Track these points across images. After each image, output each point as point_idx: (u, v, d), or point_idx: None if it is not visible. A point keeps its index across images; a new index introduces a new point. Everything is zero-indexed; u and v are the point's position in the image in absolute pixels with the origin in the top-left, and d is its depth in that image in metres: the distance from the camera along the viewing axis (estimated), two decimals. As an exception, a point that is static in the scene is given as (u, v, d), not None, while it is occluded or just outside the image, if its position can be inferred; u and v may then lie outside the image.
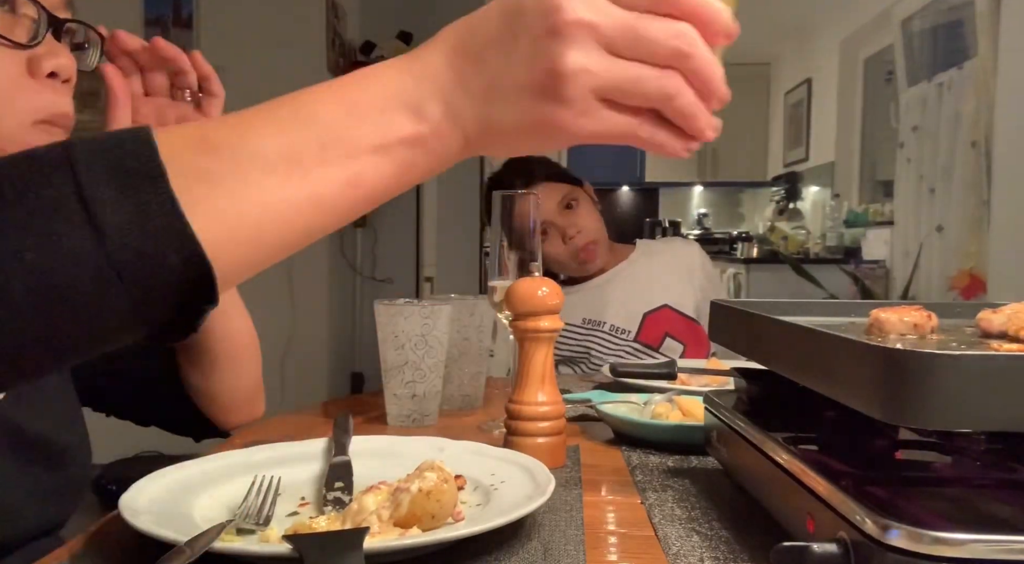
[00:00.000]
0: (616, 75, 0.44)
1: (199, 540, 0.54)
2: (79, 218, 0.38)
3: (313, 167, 0.43)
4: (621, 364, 1.38)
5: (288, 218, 0.44)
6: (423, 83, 0.46)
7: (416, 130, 0.45)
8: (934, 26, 4.05)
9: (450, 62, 0.46)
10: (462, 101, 0.46)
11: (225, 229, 0.42)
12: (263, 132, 0.43)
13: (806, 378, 0.56)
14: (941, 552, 0.42)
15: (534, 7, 0.44)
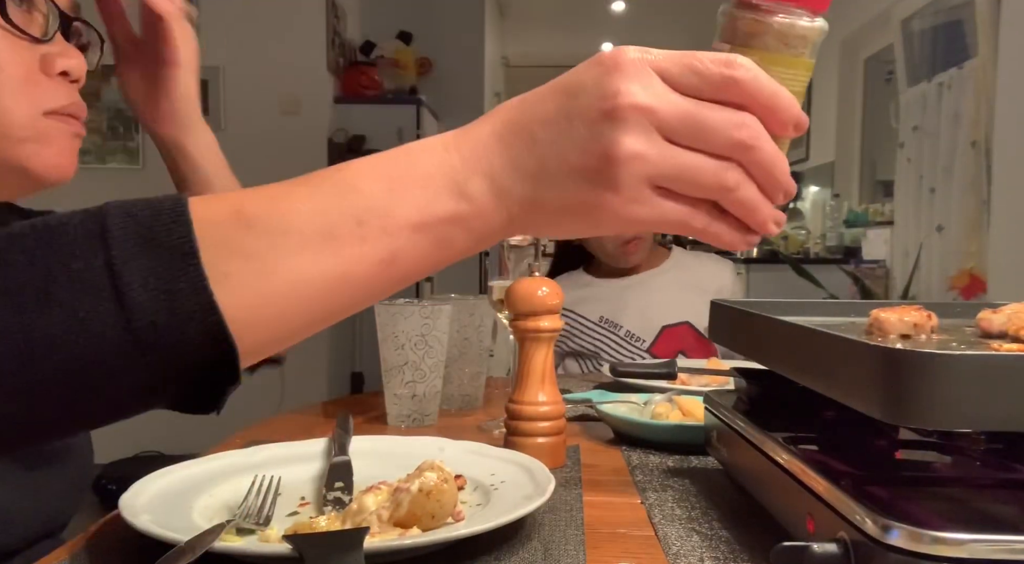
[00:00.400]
0: (672, 164, 0.42)
1: (199, 540, 0.54)
2: (108, 294, 0.38)
3: (348, 244, 0.42)
4: (621, 364, 1.38)
5: (318, 296, 0.43)
6: (470, 160, 0.44)
7: (458, 209, 0.43)
8: (934, 26, 4.05)
9: (500, 138, 0.44)
10: (510, 180, 0.44)
11: (253, 307, 0.41)
12: (300, 206, 0.42)
13: (806, 378, 0.56)
14: (941, 552, 0.42)
15: (592, 88, 0.43)
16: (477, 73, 4.93)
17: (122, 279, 0.38)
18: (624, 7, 6.01)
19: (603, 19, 6.26)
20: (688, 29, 6.56)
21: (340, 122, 4.17)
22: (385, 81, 4.36)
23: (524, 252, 1.01)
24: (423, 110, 4.29)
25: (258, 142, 3.91)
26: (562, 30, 6.53)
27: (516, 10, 6.06)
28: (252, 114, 3.92)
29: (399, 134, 4.19)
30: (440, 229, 0.44)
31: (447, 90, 4.76)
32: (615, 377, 1.24)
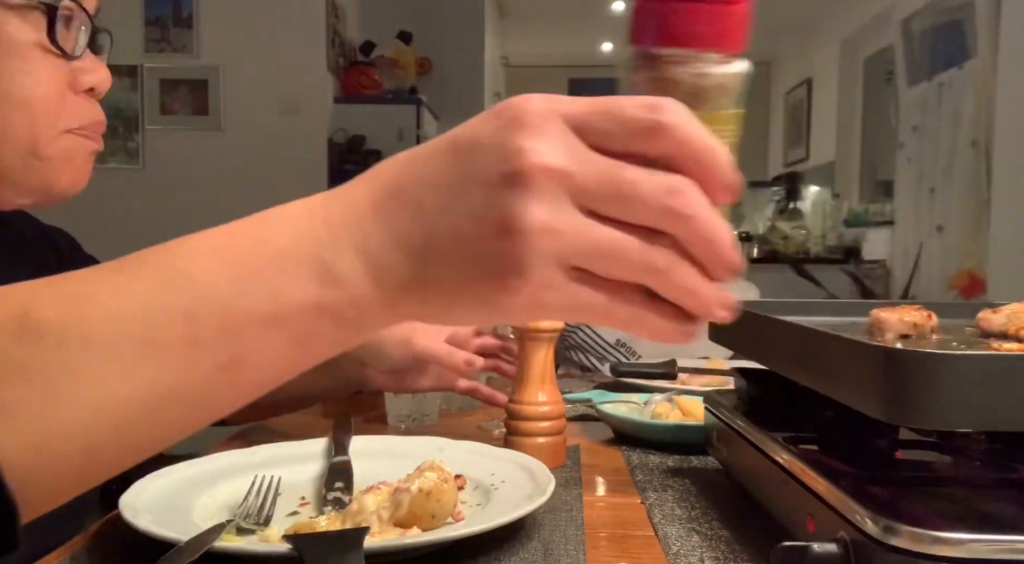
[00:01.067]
0: (589, 240, 0.33)
1: (199, 540, 0.54)
2: None
3: (175, 350, 0.33)
4: (621, 364, 1.37)
5: (136, 421, 0.34)
6: (340, 231, 0.35)
7: (323, 295, 0.34)
8: (934, 26, 4.05)
9: (379, 205, 0.35)
10: (390, 257, 0.35)
11: (42, 446, 0.33)
12: (109, 304, 0.33)
13: (806, 378, 0.56)
14: (941, 552, 0.42)
15: (490, 146, 0.35)
16: (477, 73, 4.93)
17: None
18: (624, 7, 6.00)
19: (603, 19, 6.26)
20: (688, 29, 6.57)
21: (340, 122, 4.16)
22: (385, 81, 4.36)
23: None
24: (423, 110, 4.29)
25: (258, 142, 3.91)
26: (562, 30, 6.52)
27: (516, 10, 6.06)
28: (252, 114, 3.92)
29: (399, 134, 4.19)
30: (300, 322, 0.35)
31: (447, 90, 4.76)
32: (615, 377, 1.24)
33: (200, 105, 3.87)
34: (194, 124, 3.89)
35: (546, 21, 6.34)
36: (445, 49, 4.78)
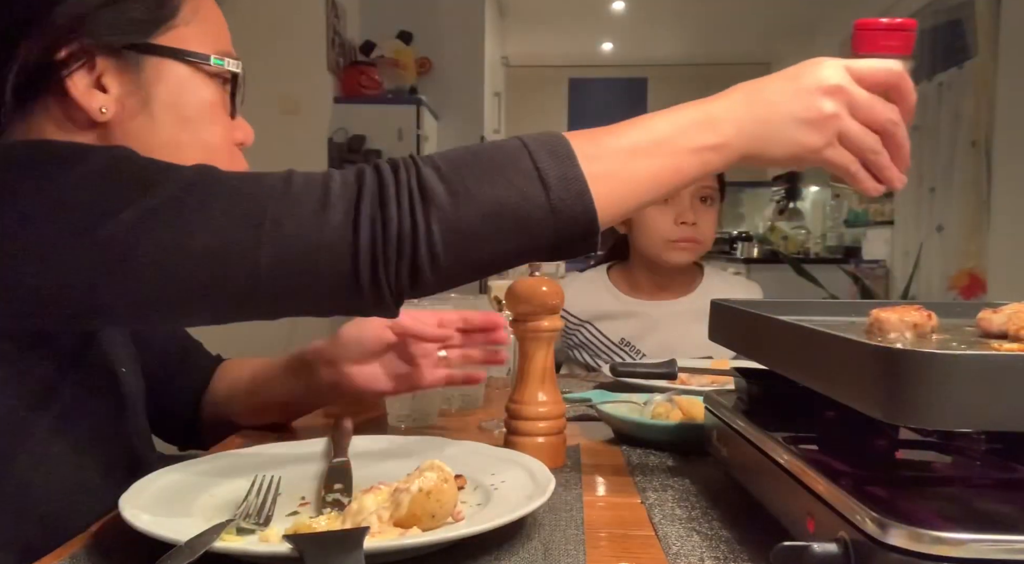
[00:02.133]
0: (854, 128, 0.68)
1: (199, 540, 0.54)
2: (535, 177, 0.62)
3: (653, 156, 0.67)
4: (621, 364, 1.37)
5: (642, 188, 0.67)
6: (723, 112, 0.68)
7: (716, 141, 0.67)
8: (934, 26, 4.05)
9: (745, 98, 0.69)
10: (750, 124, 0.68)
11: (608, 191, 0.64)
12: (623, 135, 0.67)
13: (806, 378, 0.56)
14: (941, 552, 0.42)
15: (811, 73, 0.69)
16: (477, 73, 4.93)
17: (543, 172, 0.63)
18: (624, 7, 6.00)
19: (603, 19, 6.26)
20: (687, 29, 6.57)
21: (340, 122, 4.17)
22: (385, 81, 4.36)
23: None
24: (423, 110, 4.29)
25: (258, 142, 3.86)
26: (562, 30, 6.52)
27: (516, 10, 6.06)
28: (252, 114, 3.90)
29: (399, 134, 4.19)
30: (704, 153, 0.67)
31: (447, 90, 4.76)
32: (615, 377, 1.24)
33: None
34: (194, 124, 3.89)
35: (546, 21, 6.34)
36: (445, 49, 4.78)
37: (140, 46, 0.74)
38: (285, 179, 0.64)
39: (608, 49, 7.11)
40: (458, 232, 0.61)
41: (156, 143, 0.75)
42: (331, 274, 0.61)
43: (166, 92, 0.76)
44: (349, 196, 0.61)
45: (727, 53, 7.10)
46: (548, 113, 7.46)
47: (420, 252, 0.60)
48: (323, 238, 0.60)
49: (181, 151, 0.75)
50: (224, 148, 0.81)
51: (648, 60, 7.28)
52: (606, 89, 7.35)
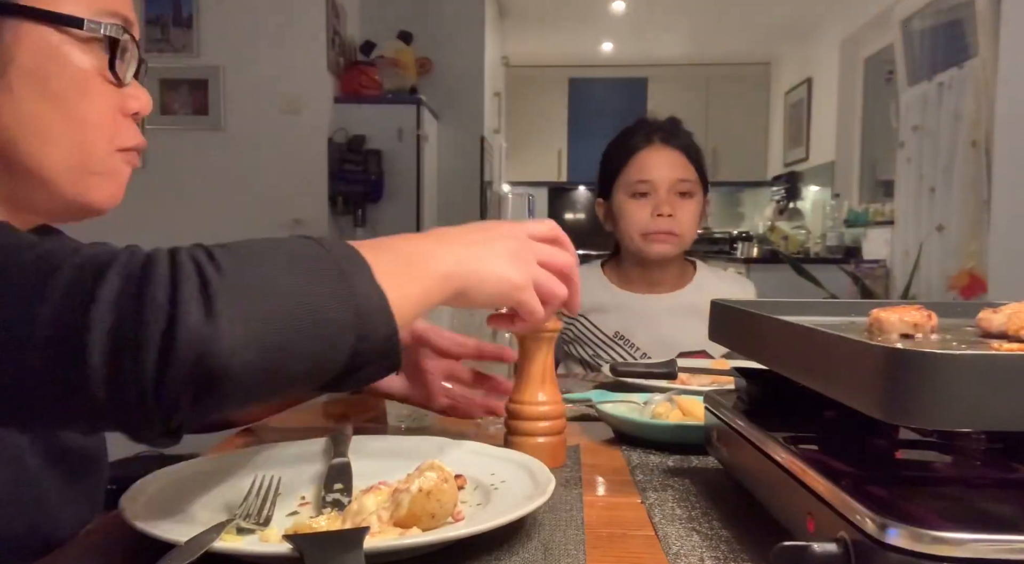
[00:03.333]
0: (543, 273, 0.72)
1: (199, 540, 0.54)
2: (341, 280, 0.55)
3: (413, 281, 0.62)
4: (621, 364, 1.37)
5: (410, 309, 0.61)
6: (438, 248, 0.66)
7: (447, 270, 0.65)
8: (934, 26, 4.05)
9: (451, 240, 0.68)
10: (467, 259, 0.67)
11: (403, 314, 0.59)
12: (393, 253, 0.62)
13: (806, 378, 0.56)
14: (941, 552, 0.42)
15: (498, 228, 0.72)
16: (477, 73, 4.93)
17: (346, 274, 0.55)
18: (624, 7, 6.00)
19: (603, 19, 6.26)
20: (687, 29, 6.57)
21: (340, 122, 4.17)
22: (385, 81, 4.36)
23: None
24: (423, 110, 4.29)
25: (258, 142, 3.91)
26: (562, 30, 6.52)
27: (516, 10, 6.06)
28: (252, 114, 3.92)
29: (399, 134, 4.19)
30: (441, 281, 0.65)
31: (447, 90, 4.76)
32: (615, 377, 1.24)
33: (200, 105, 3.87)
34: (194, 124, 3.89)
35: (546, 21, 6.33)
36: (445, 49, 4.78)
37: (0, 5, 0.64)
38: (22, 247, 0.51)
39: (608, 49, 7.11)
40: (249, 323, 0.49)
41: (13, 120, 0.66)
42: (48, 386, 0.48)
43: (28, 60, 0.65)
44: (86, 278, 0.48)
45: (727, 53, 7.10)
46: (548, 113, 7.46)
47: (187, 367, 0.47)
48: (34, 335, 0.47)
49: (47, 129, 0.67)
50: (105, 123, 0.71)
51: (648, 60, 7.28)
52: (606, 89, 7.35)
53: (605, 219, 1.75)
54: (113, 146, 0.72)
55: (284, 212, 3.84)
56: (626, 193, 1.67)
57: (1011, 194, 3.12)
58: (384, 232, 2.92)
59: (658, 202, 1.64)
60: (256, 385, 0.51)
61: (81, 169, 0.70)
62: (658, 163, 1.66)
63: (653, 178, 1.65)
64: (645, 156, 1.66)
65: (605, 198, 1.74)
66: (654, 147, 1.67)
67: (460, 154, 4.87)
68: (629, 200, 1.67)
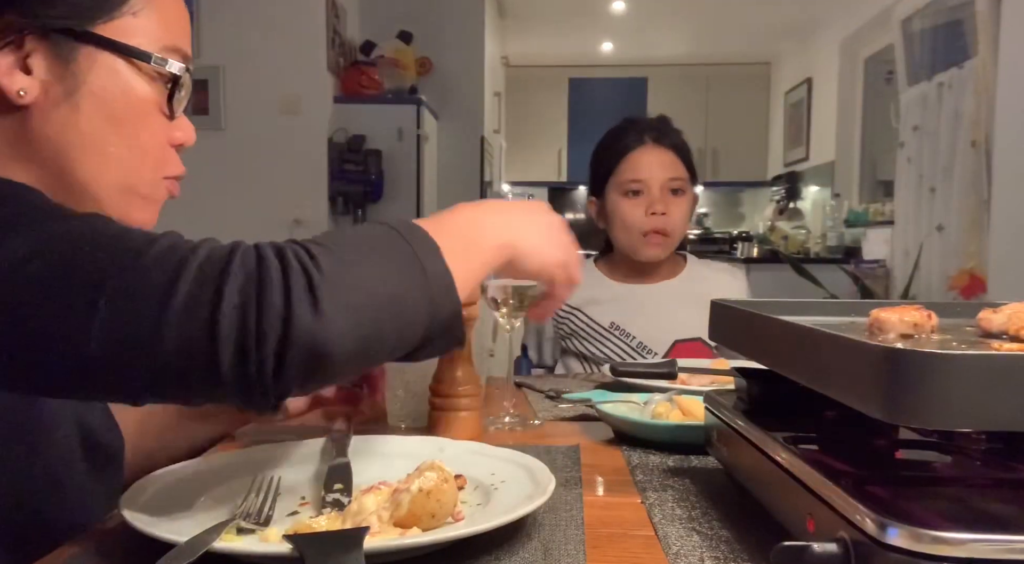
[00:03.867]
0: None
1: (199, 540, 0.54)
2: (418, 267, 0.62)
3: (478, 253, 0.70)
4: (621, 364, 1.37)
5: (470, 281, 0.68)
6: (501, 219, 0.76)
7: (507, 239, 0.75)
8: (934, 26, 4.05)
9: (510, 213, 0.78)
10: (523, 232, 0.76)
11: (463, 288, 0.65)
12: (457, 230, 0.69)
13: (806, 378, 0.56)
14: (941, 552, 0.42)
15: (545, 211, 0.82)
16: (477, 73, 4.93)
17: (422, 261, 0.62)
18: (624, 7, 6.00)
19: (603, 19, 6.25)
20: (687, 29, 6.56)
21: (340, 122, 4.17)
22: (385, 81, 4.36)
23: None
24: (423, 110, 4.29)
25: (258, 142, 3.91)
26: (562, 30, 6.51)
27: (516, 10, 6.05)
28: (252, 114, 3.92)
29: (399, 134, 4.19)
30: (501, 251, 0.74)
31: (447, 90, 4.76)
32: (615, 377, 1.24)
33: (200, 105, 3.87)
34: (194, 124, 3.87)
35: (546, 21, 6.33)
36: (445, 49, 4.78)
37: (76, 33, 0.69)
38: (149, 242, 0.57)
39: (608, 49, 7.11)
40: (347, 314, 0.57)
41: (76, 137, 0.71)
42: (180, 364, 0.54)
43: (97, 85, 0.70)
44: (212, 276, 0.55)
45: (727, 53, 7.10)
46: (548, 113, 7.46)
47: (300, 353, 0.55)
48: (169, 322, 0.54)
49: (104, 149, 0.72)
50: (156, 151, 0.76)
51: (648, 60, 7.27)
52: (606, 89, 7.35)
53: (598, 217, 1.78)
54: (160, 173, 0.77)
55: (284, 212, 3.84)
56: (619, 192, 1.70)
57: (1011, 194, 3.12)
58: (384, 232, 2.81)
59: (652, 201, 1.67)
60: (351, 366, 0.60)
61: (129, 190, 0.75)
62: (650, 162, 1.68)
63: (646, 177, 1.68)
64: (638, 156, 1.69)
65: (597, 197, 1.76)
66: (646, 147, 1.69)
67: (460, 154, 4.87)
68: (623, 199, 1.69)
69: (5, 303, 0.55)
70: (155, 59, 0.73)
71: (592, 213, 1.79)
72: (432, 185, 4.63)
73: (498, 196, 1.27)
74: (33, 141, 0.70)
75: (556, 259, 0.78)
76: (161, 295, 0.54)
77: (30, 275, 0.55)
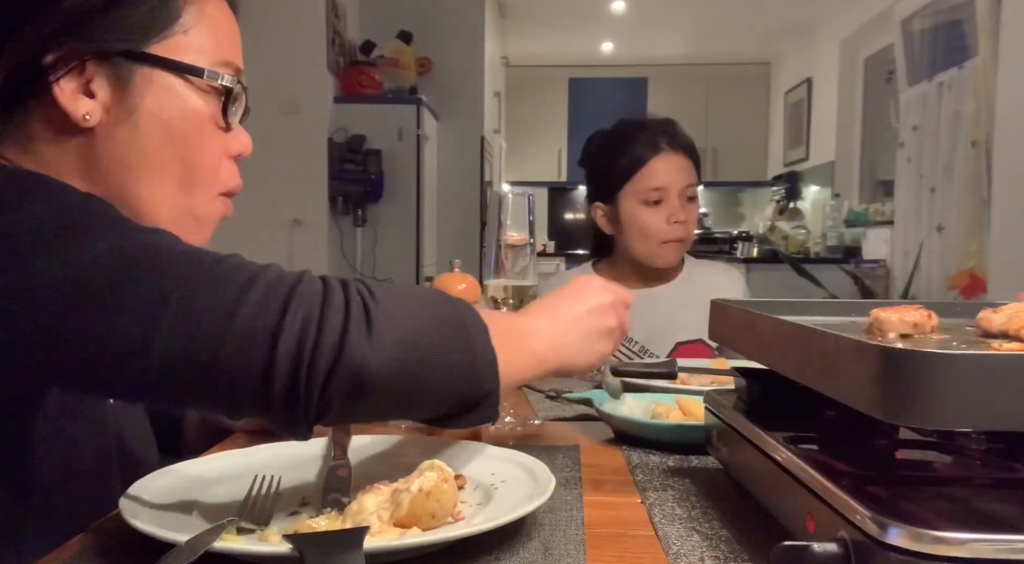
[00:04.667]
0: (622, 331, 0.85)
1: (199, 540, 0.54)
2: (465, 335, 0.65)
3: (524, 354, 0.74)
4: (621, 364, 1.37)
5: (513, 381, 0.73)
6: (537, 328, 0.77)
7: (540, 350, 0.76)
8: (934, 26, 4.05)
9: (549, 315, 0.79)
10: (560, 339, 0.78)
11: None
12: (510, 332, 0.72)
13: (806, 378, 0.56)
14: (941, 552, 0.42)
15: (592, 293, 0.82)
16: (477, 73, 4.93)
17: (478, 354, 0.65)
18: (624, 7, 5.99)
19: (603, 19, 6.25)
20: (687, 29, 6.56)
21: (340, 122, 4.16)
22: (385, 81, 4.36)
23: (520, 251, 1.01)
24: (423, 110, 4.29)
25: (258, 142, 3.85)
26: (562, 30, 6.51)
27: (516, 10, 6.05)
28: (252, 114, 3.90)
29: (399, 134, 4.19)
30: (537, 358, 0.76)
31: (447, 90, 4.76)
32: (615, 377, 1.24)
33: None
34: (194, 124, 3.88)
35: (546, 21, 6.33)
36: (445, 49, 4.78)
37: (132, 54, 0.71)
38: (218, 259, 0.61)
39: (608, 49, 7.10)
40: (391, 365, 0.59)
41: (136, 156, 0.73)
42: (236, 371, 0.57)
43: (154, 103, 0.72)
44: (281, 291, 0.59)
45: (727, 53, 7.09)
46: (548, 113, 7.46)
47: (347, 374, 0.58)
48: (233, 328, 0.57)
49: (163, 166, 0.74)
50: (212, 165, 0.77)
51: (648, 60, 7.27)
52: (606, 89, 7.34)
53: (607, 224, 1.74)
54: (216, 189, 0.78)
55: (284, 212, 3.84)
56: (637, 200, 1.66)
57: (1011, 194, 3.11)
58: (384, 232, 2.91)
59: (672, 209, 1.66)
60: (389, 401, 0.62)
61: (184, 210, 0.76)
62: (668, 168, 1.66)
63: (665, 184, 1.65)
64: (656, 163, 1.66)
65: (605, 202, 1.72)
66: (663, 153, 1.66)
67: (460, 154, 4.87)
68: (642, 207, 1.66)
69: (77, 301, 0.56)
70: (208, 73, 0.74)
71: (598, 220, 1.75)
72: (432, 185, 4.63)
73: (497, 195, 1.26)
74: (98, 162, 0.72)
75: (604, 354, 0.81)
76: (229, 307, 0.57)
77: (103, 276, 0.57)
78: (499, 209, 1.02)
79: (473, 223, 4.82)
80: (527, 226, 1.02)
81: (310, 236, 3.91)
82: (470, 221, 4.82)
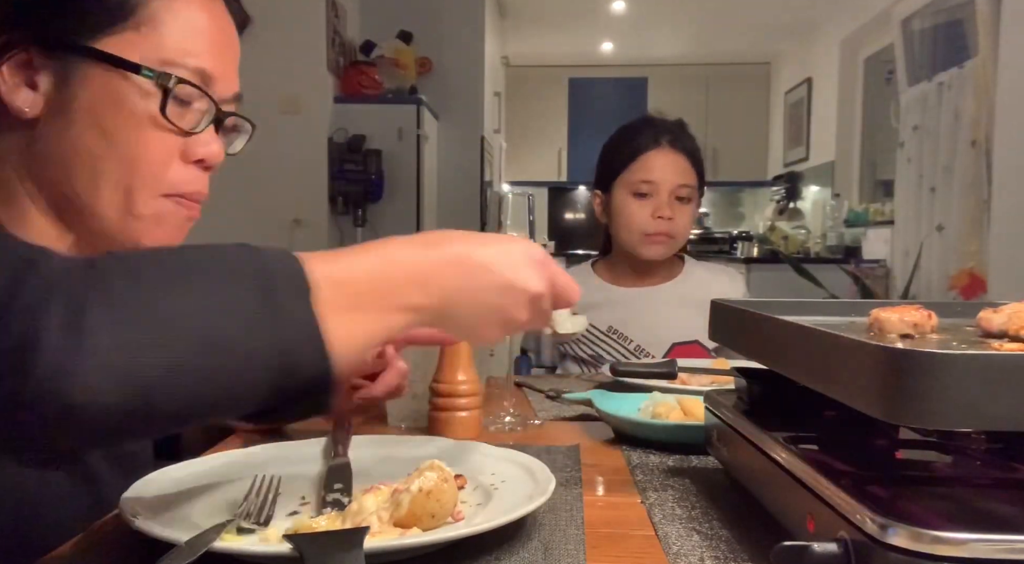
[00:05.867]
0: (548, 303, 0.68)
1: (199, 540, 0.54)
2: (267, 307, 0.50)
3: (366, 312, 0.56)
4: (621, 363, 1.37)
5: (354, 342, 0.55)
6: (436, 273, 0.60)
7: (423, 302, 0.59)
8: (934, 26, 4.05)
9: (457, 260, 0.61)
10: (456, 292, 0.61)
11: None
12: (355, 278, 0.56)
13: (806, 378, 0.56)
14: (941, 552, 0.42)
15: (520, 245, 0.65)
16: (477, 73, 4.93)
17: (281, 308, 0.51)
18: (624, 7, 5.99)
19: (603, 19, 6.25)
20: (687, 29, 6.56)
21: (340, 122, 4.16)
22: (385, 81, 4.36)
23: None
24: (423, 110, 4.29)
25: (258, 142, 3.88)
26: (562, 30, 6.51)
27: (516, 10, 6.05)
28: (252, 114, 3.90)
29: (399, 134, 4.19)
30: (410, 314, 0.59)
31: (447, 90, 4.76)
32: (615, 377, 1.24)
33: (200, 105, 3.86)
34: (194, 124, 3.88)
35: (546, 21, 6.33)
36: (445, 49, 4.78)
37: (72, 46, 0.69)
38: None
39: (608, 49, 7.10)
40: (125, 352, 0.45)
41: (71, 151, 0.70)
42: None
43: (90, 99, 0.70)
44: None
45: (727, 53, 7.09)
46: (548, 113, 7.46)
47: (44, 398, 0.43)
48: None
49: (98, 163, 0.71)
50: (156, 166, 0.73)
51: (648, 60, 7.27)
52: (606, 89, 7.34)
53: (601, 212, 1.78)
54: (159, 190, 0.74)
55: (284, 212, 3.84)
56: (627, 191, 1.69)
57: (1011, 194, 3.12)
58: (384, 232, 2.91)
59: (659, 204, 1.67)
60: (127, 421, 0.47)
61: (126, 210, 0.73)
62: (663, 165, 1.67)
63: (656, 179, 1.67)
64: (651, 157, 1.68)
65: (603, 191, 1.76)
66: (661, 149, 1.68)
67: (460, 154, 4.87)
68: (630, 198, 1.69)
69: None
70: (144, 71, 0.71)
71: (596, 207, 1.79)
72: (432, 185, 4.63)
73: (498, 195, 1.23)
74: (38, 157, 0.71)
75: (482, 342, 0.67)
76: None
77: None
78: (499, 209, 1.02)
79: (473, 223, 4.82)
80: (527, 226, 1.02)
81: (310, 236, 3.91)
82: (470, 221, 4.82)
